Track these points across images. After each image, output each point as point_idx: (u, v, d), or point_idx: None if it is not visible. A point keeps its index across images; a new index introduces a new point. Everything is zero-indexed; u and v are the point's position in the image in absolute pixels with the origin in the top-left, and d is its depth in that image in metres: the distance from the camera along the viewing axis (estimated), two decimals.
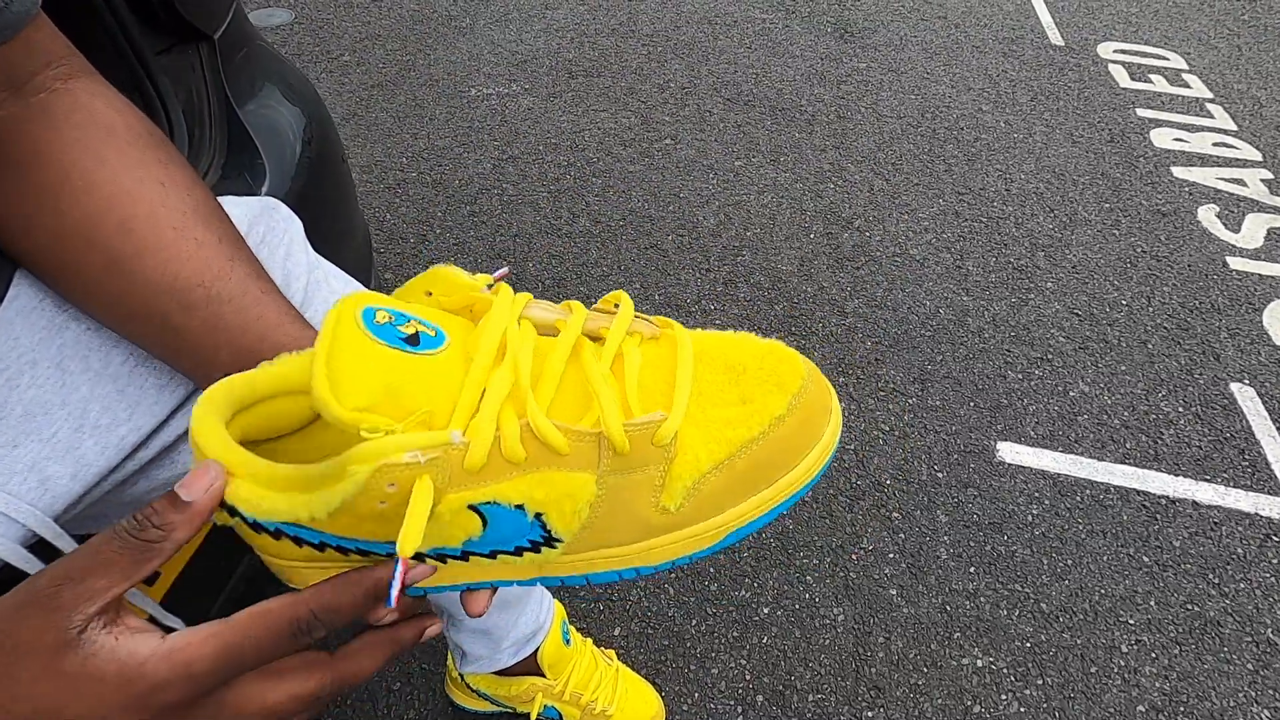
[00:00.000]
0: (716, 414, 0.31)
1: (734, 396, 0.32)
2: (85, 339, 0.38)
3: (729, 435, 0.31)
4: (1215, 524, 1.20)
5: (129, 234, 0.35)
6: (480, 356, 0.28)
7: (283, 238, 0.47)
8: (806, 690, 0.96)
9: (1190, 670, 1.01)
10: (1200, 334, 1.56)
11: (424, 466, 0.26)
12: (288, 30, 2.37)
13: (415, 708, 0.91)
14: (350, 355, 0.26)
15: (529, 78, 2.21)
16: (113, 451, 0.38)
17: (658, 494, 0.31)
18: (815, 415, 0.33)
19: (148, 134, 0.38)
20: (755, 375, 0.32)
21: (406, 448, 0.26)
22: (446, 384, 0.28)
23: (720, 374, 0.32)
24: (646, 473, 0.30)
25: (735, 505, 0.32)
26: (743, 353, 0.33)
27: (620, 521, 0.31)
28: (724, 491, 0.31)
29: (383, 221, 1.67)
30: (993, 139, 2.13)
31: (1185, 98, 2.44)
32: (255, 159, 0.70)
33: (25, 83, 0.36)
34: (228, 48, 0.73)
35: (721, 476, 0.31)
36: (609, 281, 1.56)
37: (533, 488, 0.28)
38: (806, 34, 2.62)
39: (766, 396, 0.32)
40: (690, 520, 0.31)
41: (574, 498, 0.29)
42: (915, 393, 1.38)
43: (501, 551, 0.30)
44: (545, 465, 0.28)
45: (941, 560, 1.12)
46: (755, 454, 0.31)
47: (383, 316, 0.28)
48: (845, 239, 1.72)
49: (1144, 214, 1.89)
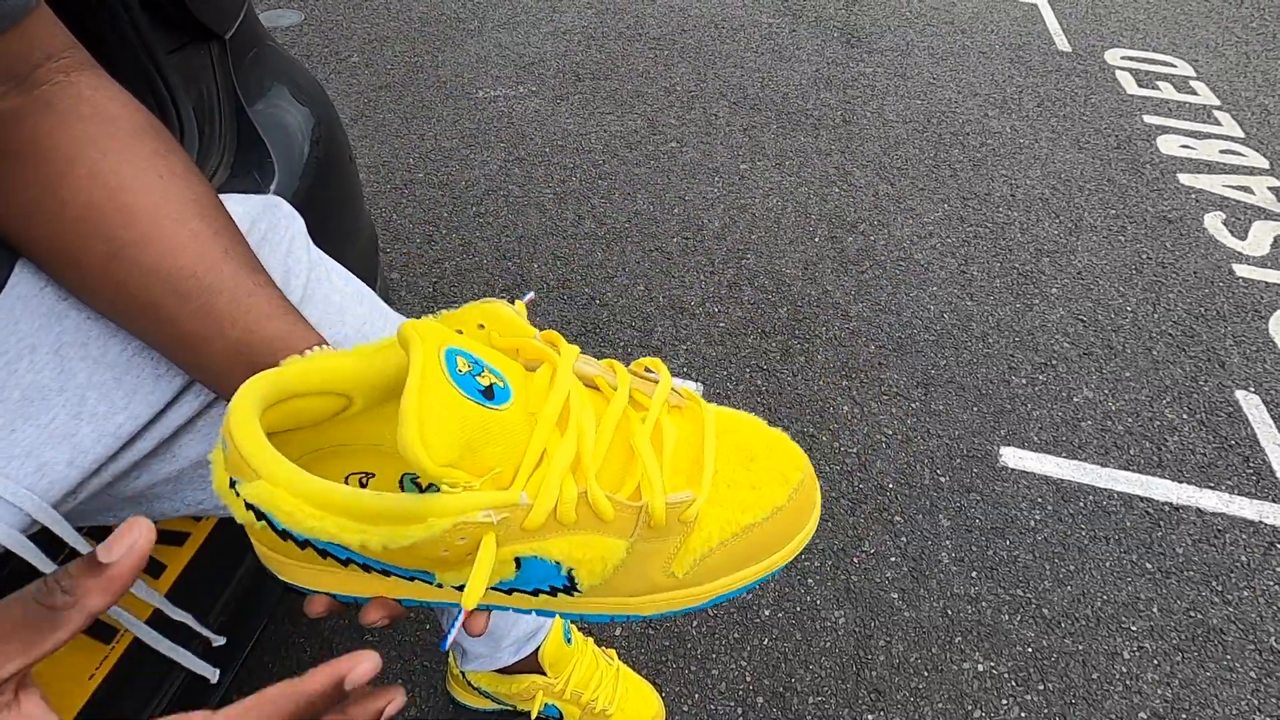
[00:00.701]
0: (731, 496, 0.35)
1: (746, 481, 0.36)
2: (84, 327, 0.39)
3: (739, 517, 0.35)
4: (1219, 531, 1.20)
5: (129, 225, 0.36)
6: (544, 420, 0.31)
7: (284, 235, 0.47)
8: (807, 693, 0.96)
9: (1192, 678, 1.01)
10: (1206, 341, 1.55)
11: (494, 525, 0.28)
12: (297, 31, 2.39)
13: (417, 705, 0.91)
14: (438, 407, 0.27)
15: (536, 80, 2.22)
16: (109, 439, 0.38)
17: (670, 561, 0.34)
18: (804, 508, 0.37)
19: (148, 126, 0.39)
20: (765, 464, 0.37)
21: (483, 506, 0.28)
22: (514, 442, 0.30)
23: (734, 455, 0.36)
24: (667, 542, 0.34)
25: (727, 575, 0.36)
26: (754, 439, 0.38)
27: (632, 579, 0.34)
28: (723, 563, 0.35)
29: (389, 221, 1.68)
30: (998, 144, 2.13)
31: (1192, 104, 2.44)
32: (264, 157, 0.71)
33: (28, 75, 0.36)
34: (239, 47, 0.74)
35: (724, 551, 0.35)
36: (614, 283, 1.56)
37: (574, 548, 0.31)
38: (813, 39, 2.62)
39: (772, 485, 0.36)
40: (689, 584, 0.35)
41: (605, 560, 0.32)
42: (918, 397, 1.38)
43: (520, 591, 0.33)
44: (588, 529, 0.31)
45: (943, 564, 1.12)
46: (755, 535, 0.36)
47: (463, 365, 0.29)
48: (850, 243, 1.73)
49: (1150, 220, 1.89)
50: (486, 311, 0.32)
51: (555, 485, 0.29)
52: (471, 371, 0.29)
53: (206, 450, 0.43)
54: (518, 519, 0.29)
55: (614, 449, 0.33)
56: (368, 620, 0.33)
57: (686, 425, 0.36)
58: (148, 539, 0.25)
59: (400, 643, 0.97)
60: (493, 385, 0.30)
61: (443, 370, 0.28)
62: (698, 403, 0.37)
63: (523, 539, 0.30)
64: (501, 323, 0.33)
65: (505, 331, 0.33)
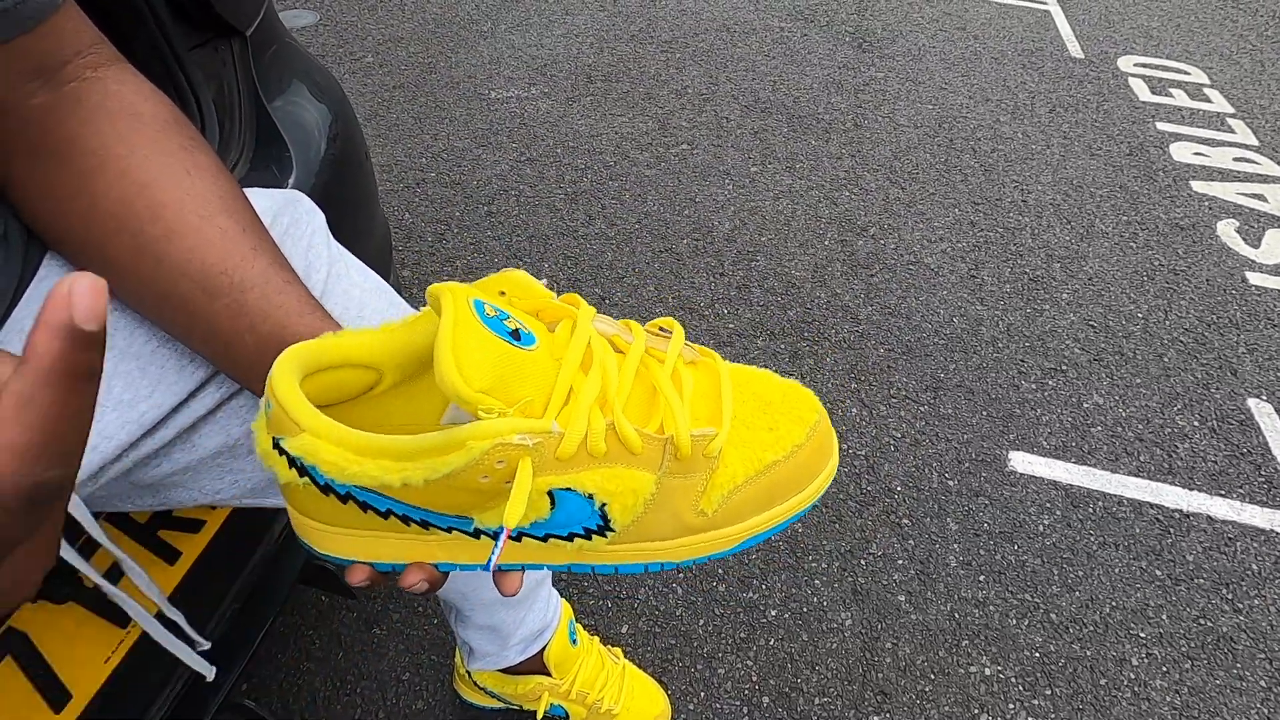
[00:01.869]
0: (751, 436, 0.37)
1: (764, 423, 0.37)
2: (111, 318, 0.40)
3: (760, 455, 0.36)
4: (1230, 539, 1.19)
5: (157, 220, 0.36)
6: (569, 360, 0.32)
7: (305, 229, 0.48)
8: (813, 693, 0.96)
9: (1202, 686, 1.00)
10: (1218, 349, 1.54)
11: (529, 449, 0.29)
12: (312, 31, 2.41)
13: (424, 698, 0.92)
14: (472, 341, 0.29)
15: (548, 81, 2.23)
16: (133, 426, 0.39)
17: (699, 498, 0.35)
18: (824, 447, 0.39)
19: (174, 121, 0.40)
20: (781, 407, 0.38)
21: (518, 430, 0.29)
22: (542, 379, 0.31)
23: (751, 401, 0.38)
24: (694, 479, 0.35)
25: (755, 515, 0.37)
26: (769, 387, 0.39)
27: (664, 518, 0.35)
28: (749, 502, 0.36)
29: (401, 220, 1.69)
30: (1010, 150, 2.13)
31: (1206, 112, 2.42)
32: (283, 153, 0.71)
33: (56, 71, 0.37)
34: (259, 44, 0.75)
35: (750, 489, 0.36)
36: (624, 284, 1.57)
37: (606, 480, 0.32)
38: (825, 43, 2.63)
39: (790, 426, 0.37)
40: (719, 524, 0.36)
41: (636, 493, 0.33)
42: (927, 400, 1.37)
43: (555, 536, 0.33)
44: (618, 462, 0.32)
45: (951, 568, 1.12)
46: (778, 473, 0.37)
47: (490, 310, 0.31)
48: (860, 246, 1.73)
49: (1162, 227, 1.88)
50: (507, 279, 0.34)
51: (584, 416, 0.31)
52: (498, 317, 0.31)
53: (226, 441, 0.43)
54: (550, 447, 0.30)
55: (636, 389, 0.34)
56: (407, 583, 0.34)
57: (702, 376, 0.37)
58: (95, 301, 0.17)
59: (409, 636, 0.97)
60: (519, 329, 0.31)
61: (473, 313, 0.30)
62: (712, 357, 0.38)
63: (556, 469, 0.31)
64: (521, 289, 0.34)
65: (525, 296, 0.34)
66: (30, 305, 0.38)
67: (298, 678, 0.92)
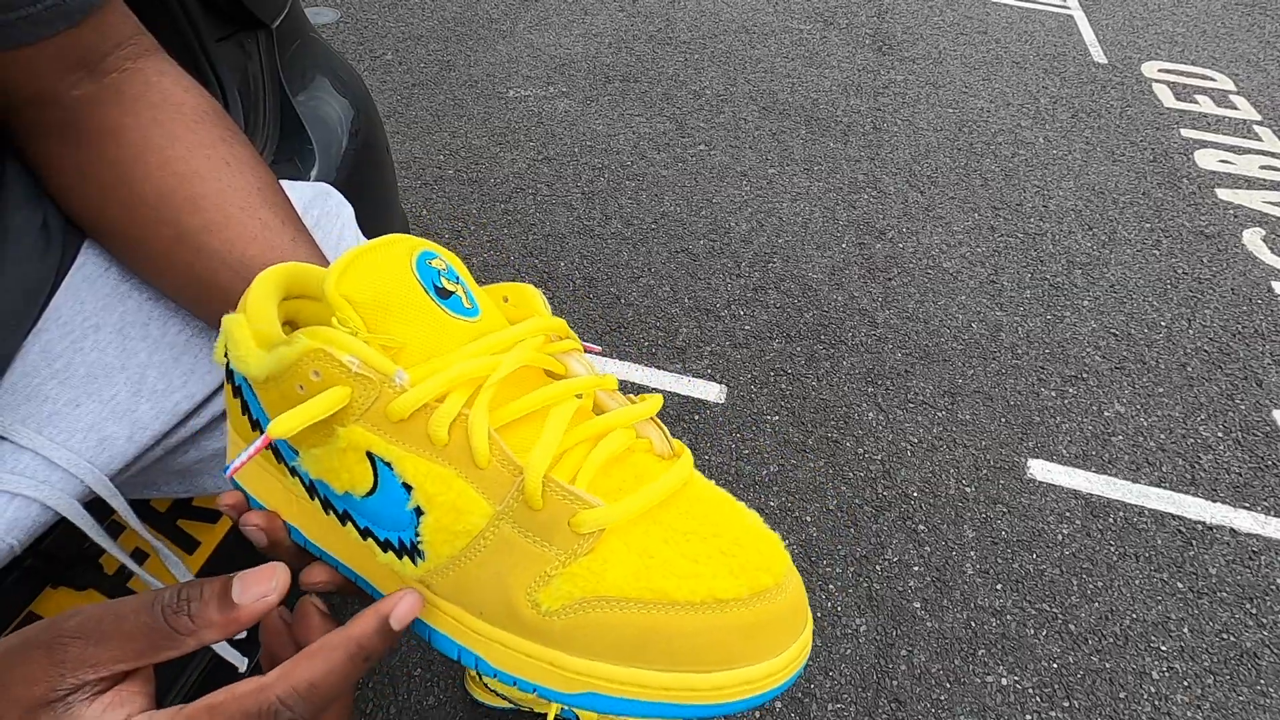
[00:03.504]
0: (659, 549, 0.26)
1: (691, 551, 0.26)
2: (146, 308, 0.40)
3: (655, 579, 0.25)
4: (1254, 553, 1.17)
5: (197, 210, 0.37)
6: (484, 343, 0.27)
7: (336, 221, 0.48)
8: (826, 699, 0.95)
9: (1224, 701, 0.99)
10: (1243, 358, 1.52)
11: (351, 378, 0.25)
12: (333, 29, 2.42)
13: (435, 694, 0.92)
14: (378, 263, 0.26)
15: (566, 81, 2.24)
16: (167, 416, 0.39)
17: (541, 583, 0.26)
18: (765, 632, 0.26)
19: (213, 112, 0.40)
20: (727, 546, 0.27)
21: (351, 350, 0.25)
22: (439, 340, 0.27)
23: (693, 521, 0.27)
24: (543, 550, 0.26)
25: (609, 662, 0.26)
26: (733, 522, 0.28)
27: (486, 584, 0.26)
28: (607, 633, 0.25)
29: (418, 216, 1.69)
30: (1031, 155, 2.11)
31: (1232, 119, 2.39)
32: (306, 145, 0.72)
33: (99, 63, 0.37)
34: (283, 38, 0.75)
35: (616, 614, 0.25)
36: (639, 284, 1.56)
37: (430, 478, 0.26)
38: (844, 45, 2.61)
39: (721, 572, 0.26)
40: (553, 639, 0.26)
41: (459, 517, 0.26)
42: (945, 406, 1.36)
43: (372, 536, 0.27)
44: (456, 465, 0.26)
45: (968, 576, 1.10)
46: (668, 620, 0.25)
47: (437, 264, 0.28)
48: (878, 249, 1.71)
49: (1186, 235, 1.85)
50: (515, 289, 0.31)
51: (439, 387, 0.25)
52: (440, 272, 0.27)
53: None
54: (384, 398, 0.25)
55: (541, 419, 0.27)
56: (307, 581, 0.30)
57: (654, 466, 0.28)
58: (279, 593, 0.25)
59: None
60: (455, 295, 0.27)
61: (410, 252, 0.27)
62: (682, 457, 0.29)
63: (382, 431, 0.25)
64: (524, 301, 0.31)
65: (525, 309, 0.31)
66: (68, 294, 0.38)
67: None
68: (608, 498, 0.26)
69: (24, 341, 0.37)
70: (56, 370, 0.37)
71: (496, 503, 0.26)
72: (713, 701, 0.25)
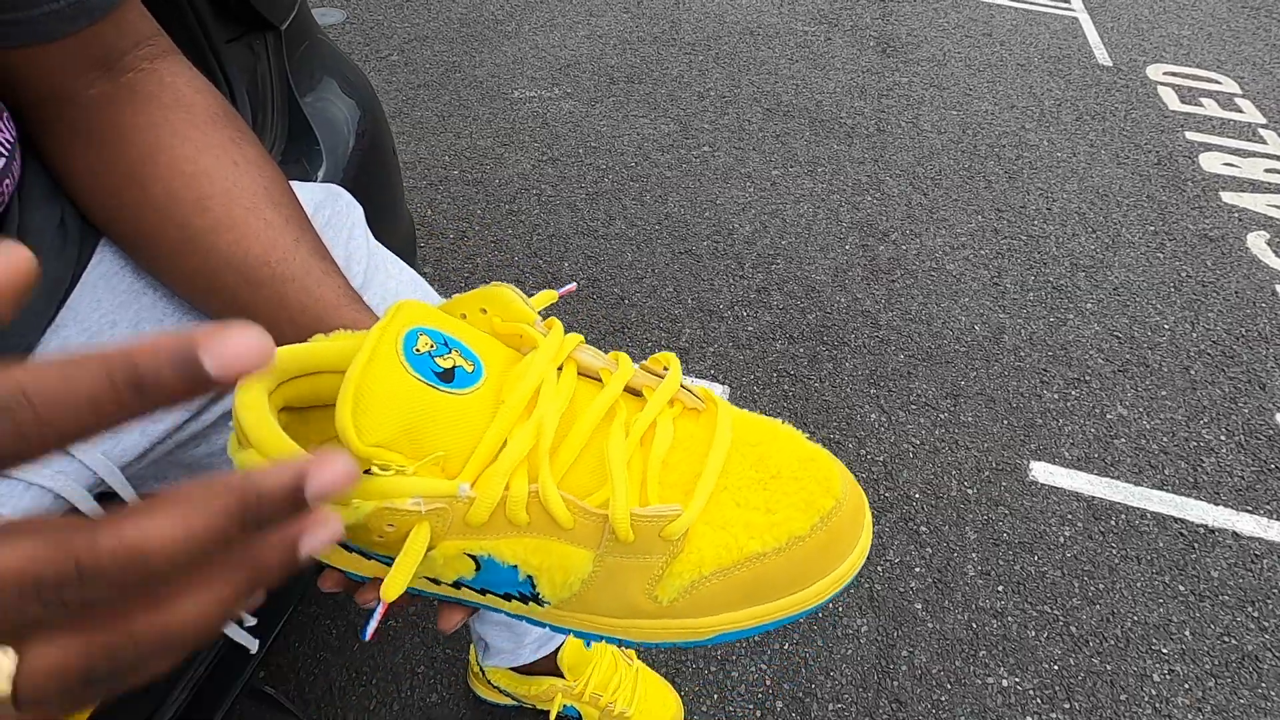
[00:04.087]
0: (735, 516, 0.30)
1: (759, 501, 0.30)
2: (160, 305, 0.40)
3: (742, 544, 0.29)
4: (1256, 556, 1.17)
5: (204, 211, 0.37)
6: (508, 407, 0.27)
7: (346, 222, 0.49)
8: (827, 699, 0.95)
9: (1225, 704, 0.99)
10: (1246, 362, 1.52)
11: (424, 515, 0.26)
12: (339, 30, 2.43)
13: (438, 692, 0.92)
14: (380, 386, 0.26)
15: (571, 82, 2.24)
16: (179, 411, 0.40)
17: (653, 584, 0.29)
18: (837, 542, 0.30)
19: (224, 113, 0.40)
20: (787, 485, 0.30)
21: (411, 493, 0.25)
22: (470, 427, 0.27)
23: (751, 470, 0.31)
24: (647, 560, 0.29)
25: (730, 611, 0.30)
26: (783, 453, 0.31)
27: (608, 598, 0.30)
28: (720, 595, 0.30)
29: (423, 217, 1.70)
30: (1035, 157, 2.11)
31: (1237, 122, 2.39)
32: (313, 146, 0.72)
33: (117, 61, 0.38)
34: (291, 40, 0.76)
35: (721, 582, 0.29)
36: (643, 284, 1.57)
37: (529, 552, 0.28)
38: (848, 47, 2.62)
39: (792, 511, 0.30)
40: (680, 614, 0.30)
41: (567, 571, 0.28)
42: (947, 408, 1.36)
43: (491, 592, 0.30)
44: (546, 533, 0.28)
45: (969, 577, 1.10)
46: (763, 568, 0.29)
47: (424, 344, 0.27)
48: (881, 251, 1.72)
49: (1190, 238, 1.85)
50: (490, 296, 0.30)
51: (503, 478, 0.27)
52: (432, 352, 0.27)
53: None
54: (458, 512, 0.27)
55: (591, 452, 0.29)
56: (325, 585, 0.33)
57: (697, 430, 0.31)
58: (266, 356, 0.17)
59: (425, 630, 0.98)
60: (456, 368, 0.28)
61: (397, 349, 0.26)
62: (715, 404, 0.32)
63: (470, 535, 0.27)
64: (504, 308, 0.30)
65: (508, 317, 0.31)
66: (85, 291, 0.39)
67: (314, 667, 0.93)
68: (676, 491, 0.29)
69: (42, 338, 0.37)
70: None
71: (595, 547, 0.29)
72: (814, 604, 0.31)
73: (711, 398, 0.32)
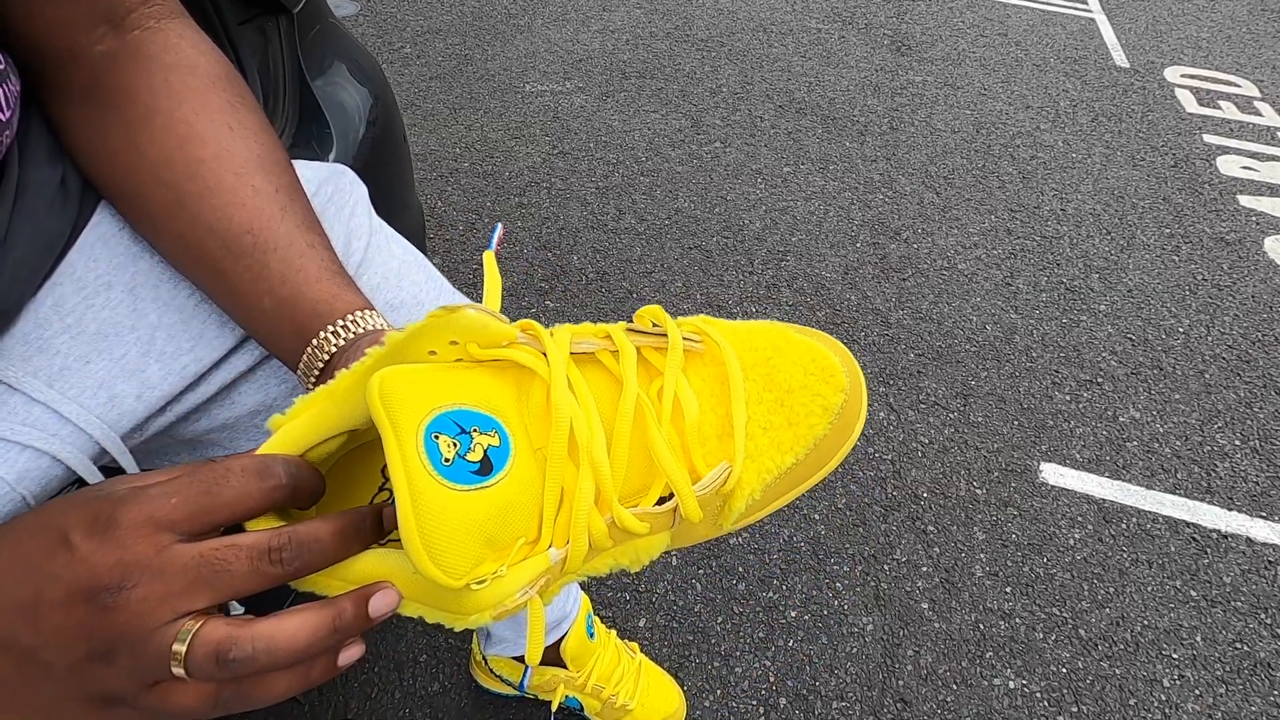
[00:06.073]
0: (767, 439, 0.33)
1: (781, 419, 0.33)
2: (156, 270, 0.40)
3: (778, 462, 0.33)
4: (1270, 563, 1.15)
5: (194, 176, 0.37)
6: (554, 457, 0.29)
7: (348, 199, 0.48)
8: (831, 697, 0.95)
9: (1235, 712, 0.97)
10: (1262, 366, 1.50)
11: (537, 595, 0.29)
12: (352, 21, 2.44)
13: (440, 681, 0.92)
14: (439, 524, 0.26)
15: (583, 77, 2.24)
16: (175, 378, 0.39)
17: (717, 523, 0.34)
18: (849, 421, 0.35)
19: (225, 77, 0.40)
20: (800, 395, 0.33)
21: (518, 588, 0.28)
22: (531, 494, 0.28)
23: (767, 392, 0.33)
24: (709, 511, 0.33)
25: (779, 501, 0.36)
26: (786, 362, 0.34)
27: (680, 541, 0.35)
28: (763, 501, 0.34)
29: (433, 208, 1.70)
30: (1050, 158, 2.09)
31: (1256, 125, 2.36)
32: (324, 129, 0.72)
33: (124, 17, 0.37)
34: (303, 24, 0.76)
35: (766, 494, 0.34)
36: (652, 279, 1.56)
37: (618, 558, 0.32)
38: (862, 45, 2.60)
39: (811, 419, 0.33)
40: (744, 521, 0.35)
41: (650, 552, 0.33)
42: (957, 407, 1.35)
43: None
44: (627, 540, 0.32)
45: (976, 578, 1.09)
46: (797, 470, 0.34)
47: (447, 447, 0.26)
48: (892, 250, 1.70)
49: (1207, 241, 1.83)
50: (454, 324, 0.28)
51: (583, 529, 0.29)
52: (459, 451, 0.27)
53: (264, 400, 0.44)
54: (555, 572, 0.29)
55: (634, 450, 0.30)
56: None
57: (708, 373, 0.33)
58: None
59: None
60: (488, 450, 0.27)
61: (428, 471, 0.26)
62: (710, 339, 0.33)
63: (567, 575, 0.31)
64: (474, 333, 0.29)
65: (482, 341, 0.29)
66: (83, 251, 0.39)
67: None
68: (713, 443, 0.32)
69: (37, 293, 0.37)
70: (68, 325, 0.37)
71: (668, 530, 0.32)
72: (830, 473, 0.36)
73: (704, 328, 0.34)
